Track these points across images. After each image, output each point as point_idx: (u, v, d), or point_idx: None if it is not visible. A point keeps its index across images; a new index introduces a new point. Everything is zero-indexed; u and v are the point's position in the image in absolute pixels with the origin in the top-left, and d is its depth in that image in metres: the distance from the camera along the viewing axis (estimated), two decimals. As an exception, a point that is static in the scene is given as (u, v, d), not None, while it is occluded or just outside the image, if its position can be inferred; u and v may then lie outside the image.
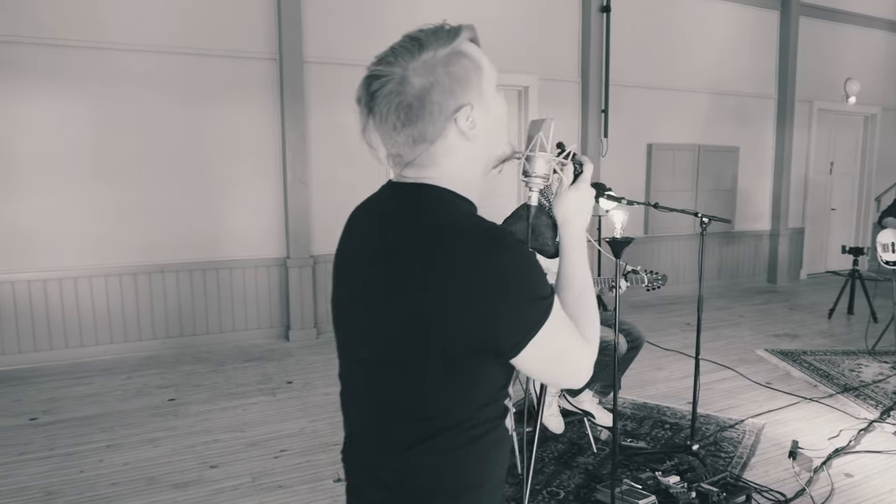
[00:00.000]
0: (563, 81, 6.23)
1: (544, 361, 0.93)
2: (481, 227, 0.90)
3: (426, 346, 0.89)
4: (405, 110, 0.91)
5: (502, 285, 0.86)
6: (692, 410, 3.14)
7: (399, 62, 0.91)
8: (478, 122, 0.95)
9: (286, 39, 5.05)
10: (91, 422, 3.65)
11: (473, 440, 0.94)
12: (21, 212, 4.52)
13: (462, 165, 0.97)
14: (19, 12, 4.40)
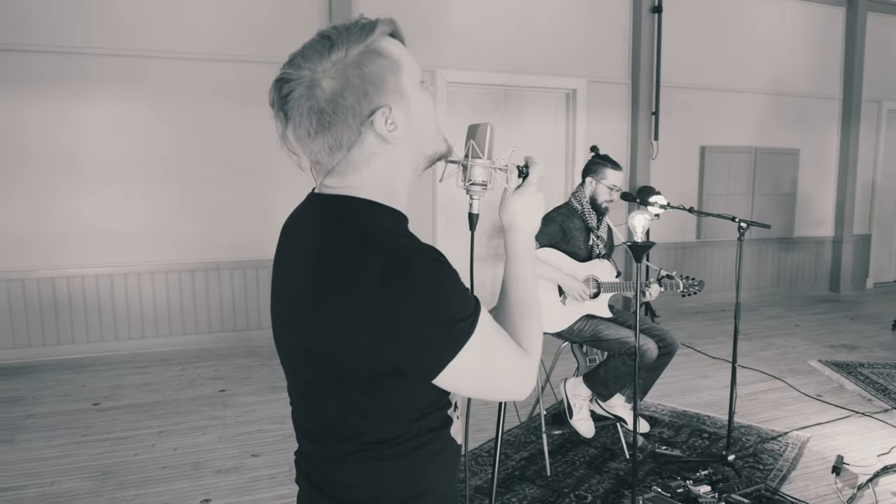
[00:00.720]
0: (613, 83, 6.16)
1: (472, 381, 0.88)
2: (389, 249, 0.83)
3: (341, 367, 0.87)
4: (317, 115, 0.87)
5: (408, 311, 0.81)
6: (728, 419, 3.08)
7: (308, 64, 0.87)
8: (399, 123, 0.90)
9: (337, 46, 5.21)
10: (147, 409, 3.88)
11: (408, 452, 0.92)
12: (89, 210, 4.84)
13: (385, 171, 0.92)
14: (88, 26, 4.72)
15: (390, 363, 0.84)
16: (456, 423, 0.99)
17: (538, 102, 6.02)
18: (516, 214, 1.03)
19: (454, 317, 0.83)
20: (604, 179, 3.04)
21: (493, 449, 1.12)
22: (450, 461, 0.98)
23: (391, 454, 0.91)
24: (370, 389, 0.88)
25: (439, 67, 5.56)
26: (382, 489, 0.93)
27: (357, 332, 0.83)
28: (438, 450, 0.95)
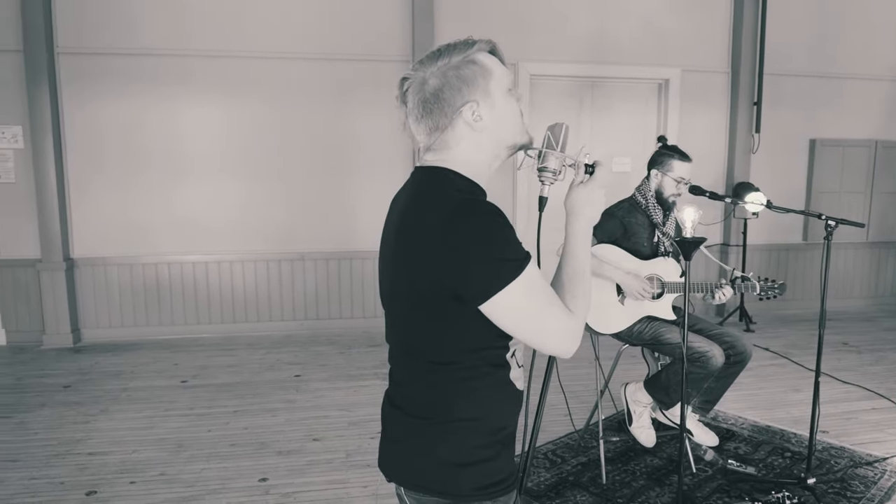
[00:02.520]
0: (710, 72, 5.78)
1: (514, 317, 1.08)
2: (459, 199, 1.08)
3: (417, 291, 1.11)
4: (423, 104, 1.16)
5: (465, 243, 1.03)
6: (809, 438, 2.79)
7: (423, 67, 1.16)
8: (483, 116, 1.16)
9: (419, 42, 5.26)
10: (227, 388, 4.12)
11: (466, 379, 1.13)
12: (189, 201, 5.20)
13: (470, 151, 1.17)
14: (187, 30, 5.06)
15: (451, 287, 1.05)
16: (516, 369, 1.20)
17: (627, 94, 5.77)
18: (576, 202, 1.22)
19: (503, 257, 1.04)
20: (670, 171, 2.85)
21: (531, 428, 1.48)
22: (505, 400, 1.19)
23: (451, 377, 1.13)
24: (437, 314, 1.10)
25: (521, 60, 5.47)
26: (441, 406, 1.15)
27: (429, 259, 1.07)
28: (493, 384, 1.16)
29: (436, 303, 1.09)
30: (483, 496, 1.16)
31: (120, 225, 5.19)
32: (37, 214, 5.01)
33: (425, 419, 1.17)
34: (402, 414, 1.21)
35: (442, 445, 1.16)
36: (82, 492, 2.82)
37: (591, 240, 1.22)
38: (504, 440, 1.19)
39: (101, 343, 5.16)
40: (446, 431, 1.16)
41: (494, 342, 1.14)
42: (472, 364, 1.13)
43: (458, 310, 1.08)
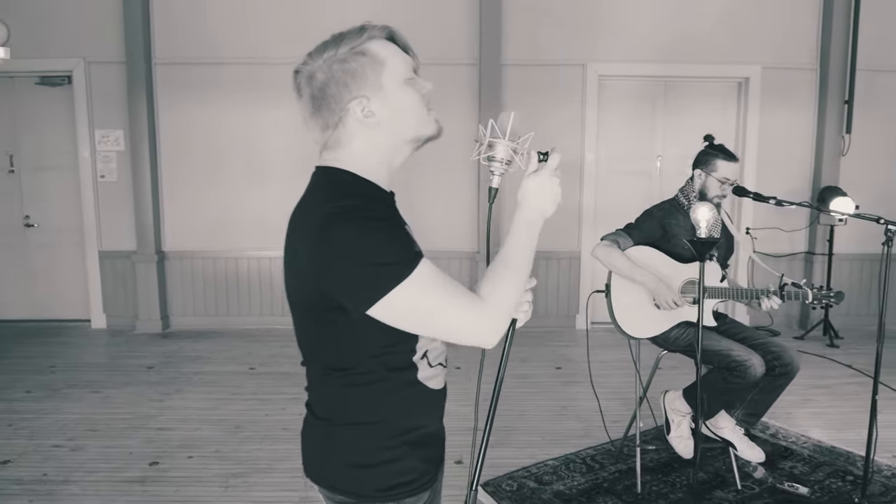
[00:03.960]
0: (795, 69, 5.44)
1: (411, 320, 1.05)
2: (336, 204, 1.03)
3: (302, 301, 1.11)
4: (313, 101, 1.11)
5: (337, 254, 1.00)
6: (865, 460, 2.60)
7: (311, 60, 1.10)
8: (376, 112, 1.09)
9: (485, 45, 5.32)
10: (290, 377, 4.35)
11: (360, 385, 1.11)
12: (263, 200, 5.53)
13: (364, 149, 1.12)
14: (261, 41, 5.37)
15: (332, 298, 1.03)
16: (426, 369, 1.16)
17: (703, 94, 5.54)
18: (526, 192, 1.15)
19: (381, 262, 1.00)
20: (714, 172, 2.74)
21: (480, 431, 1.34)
22: (412, 401, 1.16)
23: (347, 382, 1.11)
24: (325, 321, 1.07)
25: (590, 61, 5.39)
26: (339, 409, 1.14)
27: (307, 270, 1.05)
28: (396, 387, 1.13)
29: (322, 312, 1.06)
30: (387, 497, 1.14)
31: (204, 221, 5.60)
32: (134, 210, 5.50)
33: (326, 421, 1.16)
34: (310, 414, 1.20)
35: (343, 447, 1.14)
36: (146, 462, 3.10)
37: (539, 224, 1.14)
38: (414, 441, 1.16)
39: (186, 330, 5.58)
40: (346, 433, 1.14)
41: (395, 346, 1.10)
42: (368, 369, 1.10)
43: (346, 318, 1.04)
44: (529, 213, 1.14)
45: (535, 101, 5.45)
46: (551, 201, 1.16)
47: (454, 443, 3.30)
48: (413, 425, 1.16)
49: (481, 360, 1.25)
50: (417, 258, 1.03)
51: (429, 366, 1.17)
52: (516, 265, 1.12)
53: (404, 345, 1.12)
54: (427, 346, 1.16)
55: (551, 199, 1.15)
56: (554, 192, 1.16)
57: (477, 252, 5.53)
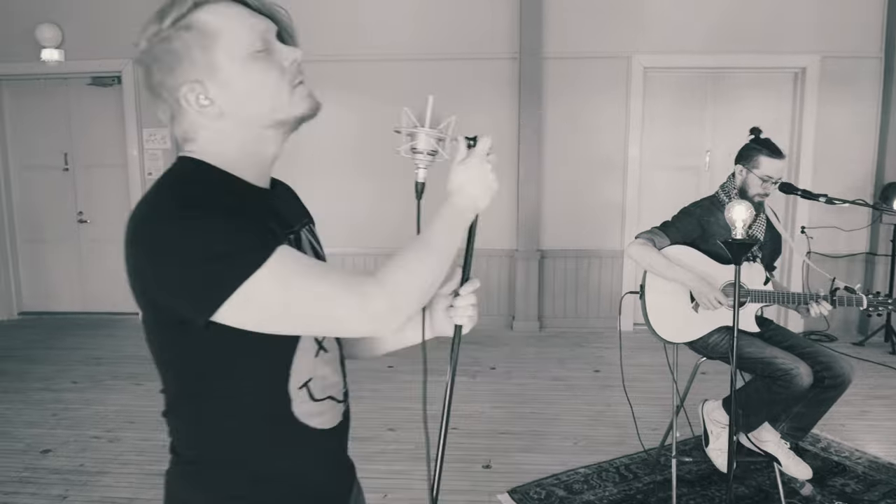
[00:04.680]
0: (857, 58, 5.11)
1: (280, 317, 0.86)
2: (157, 200, 0.88)
3: (144, 314, 0.92)
4: (148, 91, 0.94)
5: (164, 255, 0.83)
6: (925, 482, 2.40)
7: (140, 41, 0.92)
8: (214, 98, 0.90)
9: (526, 38, 5.20)
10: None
11: (212, 417, 0.93)
12: (309, 199, 5.55)
13: (215, 142, 0.93)
14: (313, 37, 5.39)
15: (168, 309, 0.86)
16: (308, 403, 0.97)
17: (756, 86, 5.27)
18: (454, 181, 1.02)
19: (217, 255, 0.81)
20: (756, 169, 2.56)
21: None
22: (285, 445, 0.96)
23: (199, 411, 0.93)
24: (168, 341, 0.92)
25: (634, 53, 5.20)
26: (186, 443, 0.96)
27: (136, 277, 0.88)
28: (260, 422, 0.94)
29: (161, 328, 0.90)
30: None
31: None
32: (179, 207, 5.62)
33: (173, 454, 0.99)
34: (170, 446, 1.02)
35: (189, 489, 0.97)
36: (178, 456, 3.15)
37: (468, 215, 1.02)
38: (284, 494, 0.97)
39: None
40: (192, 473, 0.97)
41: (258, 369, 0.92)
42: (225, 394, 0.92)
43: (191, 332, 0.86)
44: (462, 200, 1.01)
45: (577, 95, 5.30)
46: (484, 191, 1.02)
47: (482, 446, 3.25)
48: (283, 473, 0.97)
49: (424, 370, 1.16)
50: (270, 244, 0.85)
51: (311, 398, 0.97)
52: (430, 249, 0.95)
53: (272, 367, 0.94)
54: (310, 372, 0.97)
55: (484, 189, 1.01)
56: (486, 181, 1.02)
57: (516, 250, 5.42)
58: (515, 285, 5.45)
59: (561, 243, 5.41)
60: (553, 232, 5.42)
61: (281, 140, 0.99)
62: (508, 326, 5.51)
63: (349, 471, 1.15)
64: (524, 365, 4.58)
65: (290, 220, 1.03)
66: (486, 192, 1.02)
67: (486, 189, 1.02)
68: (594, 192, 5.38)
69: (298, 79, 0.97)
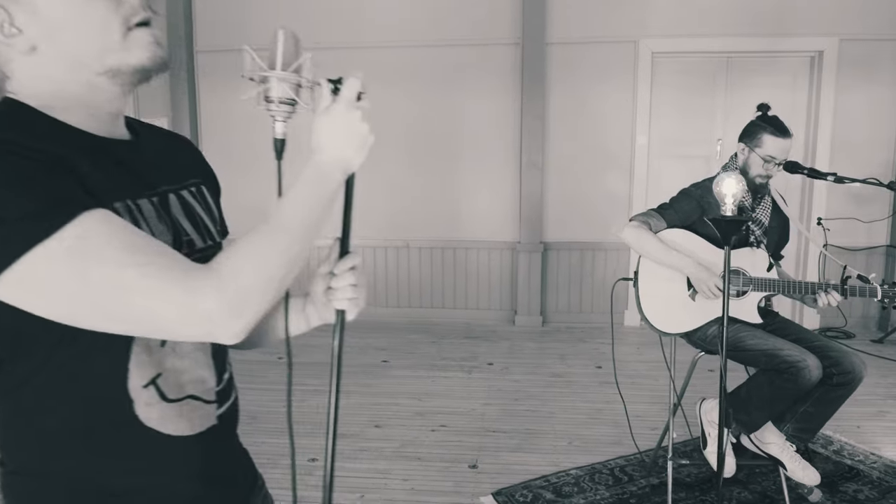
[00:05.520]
0: (878, 41, 4.84)
1: (62, 303, 0.69)
2: None
3: None
4: None
5: None
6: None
7: None
8: (24, 27, 0.76)
9: (529, 23, 5.01)
10: (315, 368, 4.16)
11: (30, 417, 0.79)
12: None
13: (31, 80, 0.79)
14: (313, 24, 5.26)
15: None
16: (160, 404, 0.81)
17: (771, 70, 5.03)
18: (317, 135, 0.86)
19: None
20: (759, 147, 2.37)
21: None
22: (126, 454, 0.81)
23: (17, 407, 0.79)
24: None
25: (642, 37, 4.98)
26: (9, 450, 0.82)
27: None
28: (95, 426, 0.79)
29: None
30: None
31: (245, 210, 5.52)
32: (175, 198, 5.53)
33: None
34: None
35: (13, 501, 0.84)
36: (152, 451, 3.02)
37: (339, 176, 0.86)
38: None
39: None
40: (15, 484, 0.83)
41: (84, 364, 0.77)
42: (46, 393, 0.77)
43: None
44: (324, 158, 0.85)
45: (583, 82, 5.10)
46: (353, 144, 0.86)
47: (470, 444, 3.09)
48: (137, 488, 0.83)
49: (288, 369, 0.98)
50: (73, 206, 0.68)
51: (162, 399, 0.82)
52: (281, 227, 0.79)
53: (104, 360, 0.78)
54: (157, 367, 0.81)
55: (353, 143, 0.86)
56: (354, 131, 0.86)
57: (518, 242, 5.24)
58: (517, 279, 5.27)
59: (565, 235, 5.22)
60: (557, 224, 5.23)
61: (119, 94, 0.83)
62: (510, 321, 5.33)
63: (235, 486, 0.98)
64: (523, 360, 4.40)
65: (153, 178, 0.86)
66: (358, 147, 0.87)
67: (356, 143, 0.86)
68: (600, 182, 5.18)
69: (138, 18, 0.81)
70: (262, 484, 1.07)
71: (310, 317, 1.05)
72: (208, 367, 0.90)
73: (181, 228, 0.88)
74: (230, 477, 0.97)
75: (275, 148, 0.90)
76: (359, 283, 0.96)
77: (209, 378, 0.90)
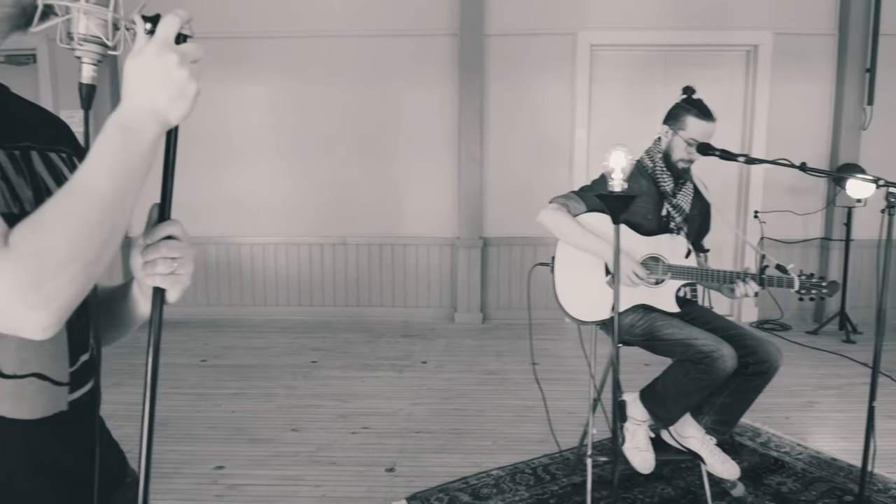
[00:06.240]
0: (811, 35, 4.88)
1: None
2: None
3: None
4: None
5: None
6: (861, 479, 2.14)
7: None
8: None
9: (466, 14, 4.90)
10: (240, 370, 4.02)
11: None
12: (234, 183, 5.20)
13: None
14: (232, 14, 5.03)
15: None
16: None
17: (709, 63, 5.03)
18: (125, 80, 0.72)
19: None
20: (682, 130, 2.29)
21: None
22: None
23: None
24: None
25: (580, 29, 4.92)
26: None
27: None
28: None
29: None
30: None
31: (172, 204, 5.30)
32: (97, 194, 5.23)
33: None
34: None
35: None
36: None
37: (154, 129, 0.72)
38: None
39: (151, 320, 5.30)
40: None
41: None
42: None
43: None
44: (127, 108, 0.72)
45: (522, 74, 5.01)
46: (168, 92, 0.72)
47: (391, 447, 2.94)
48: None
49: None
50: None
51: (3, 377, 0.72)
52: (83, 190, 0.67)
53: None
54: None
55: (167, 89, 0.72)
56: (170, 78, 0.72)
57: (457, 238, 5.12)
58: (457, 275, 5.15)
59: (505, 230, 5.11)
60: (496, 218, 5.13)
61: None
62: (450, 319, 5.20)
63: (87, 483, 0.81)
64: (458, 358, 4.27)
65: (17, 133, 0.78)
66: (174, 96, 0.72)
67: (171, 91, 0.72)
68: (540, 176, 5.09)
69: None
70: (130, 482, 0.92)
71: (137, 300, 0.90)
72: (61, 342, 0.77)
73: (44, 186, 0.78)
74: (82, 473, 0.81)
75: (80, 94, 0.76)
76: (184, 256, 0.82)
77: (61, 356, 0.78)
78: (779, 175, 4.90)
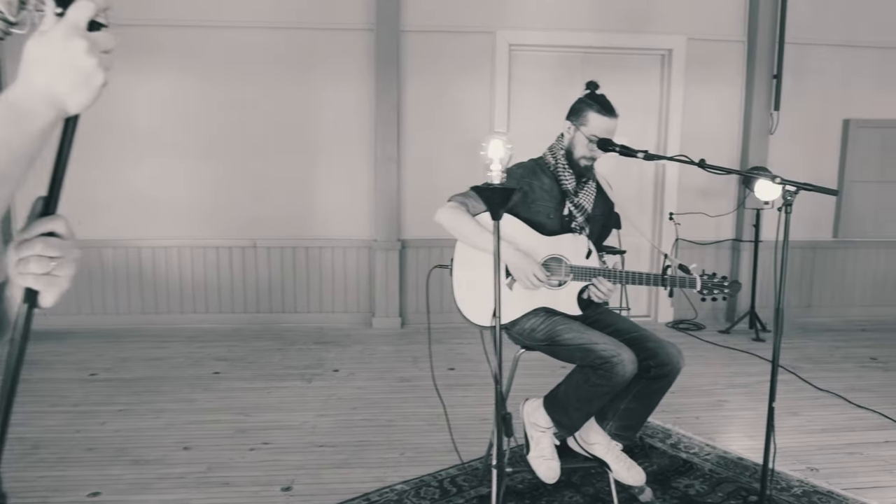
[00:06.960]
0: (722, 41, 5.00)
1: None
2: None
3: None
4: None
5: None
6: (762, 477, 2.11)
7: None
8: None
9: (382, 8, 4.74)
10: (133, 384, 3.69)
11: None
12: (137, 181, 4.83)
13: None
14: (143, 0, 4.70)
15: None
16: None
17: (625, 66, 5.07)
18: (24, 58, 0.70)
19: None
20: (584, 126, 2.21)
21: None
22: None
23: None
24: None
25: (499, 28, 4.86)
26: None
27: None
28: None
29: None
30: None
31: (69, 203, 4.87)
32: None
33: None
34: None
35: None
36: None
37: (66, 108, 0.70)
38: None
39: (37, 331, 4.85)
40: None
41: None
42: None
43: None
44: (19, 87, 0.69)
45: (440, 72, 4.90)
46: (69, 78, 0.69)
47: (290, 463, 2.74)
48: None
49: None
50: None
51: None
52: None
53: None
54: None
55: (68, 75, 0.69)
56: (74, 64, 0.69)
57: (374, 240, 4.94)
58: (374, 279, 4.98)
59: (423, 232, 4.98)
60: (415, 220, 4.98)
61: None
62: (367, 324, 5.02)
63: None
64: (372, 365, 4.09)
65: None
66: (77, 83, 0.70)
67: (73, 77, 0.70)
68: (459, 176, 4.91)
69: None
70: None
71: (12, 302, 0.82)
72: None
73: None
74: None
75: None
76: (64, 256, 0.77)
77: None
78: (692, 178, 4.99)
